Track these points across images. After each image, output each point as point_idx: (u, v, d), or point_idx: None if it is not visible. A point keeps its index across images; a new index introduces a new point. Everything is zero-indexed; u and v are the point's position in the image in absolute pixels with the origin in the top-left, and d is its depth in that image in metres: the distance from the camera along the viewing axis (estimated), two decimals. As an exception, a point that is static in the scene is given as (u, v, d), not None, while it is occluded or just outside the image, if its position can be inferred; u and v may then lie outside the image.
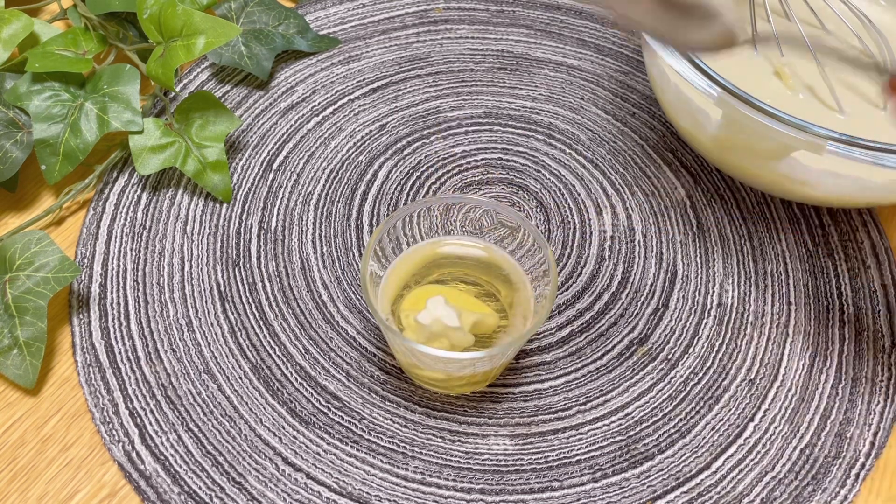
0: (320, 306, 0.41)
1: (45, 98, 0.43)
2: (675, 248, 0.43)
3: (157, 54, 0.43)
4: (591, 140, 0.48)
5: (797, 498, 0.36)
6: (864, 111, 0.43)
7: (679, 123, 0.43)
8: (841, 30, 0.47)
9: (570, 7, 0.54)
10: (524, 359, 0.40)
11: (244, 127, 0.48)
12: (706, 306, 0.41)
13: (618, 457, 0.37)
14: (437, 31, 0.53)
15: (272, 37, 0.50)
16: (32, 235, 0.39)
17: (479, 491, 0.36)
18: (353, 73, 0.50)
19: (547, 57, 0.52)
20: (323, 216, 0.44)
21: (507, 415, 0.38)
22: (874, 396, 0.39)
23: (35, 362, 0.37)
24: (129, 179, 0.45)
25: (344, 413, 0.38)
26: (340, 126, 0.48)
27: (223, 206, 0.44)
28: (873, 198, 0.40)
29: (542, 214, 0.45)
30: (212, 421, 0.37)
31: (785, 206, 0.45)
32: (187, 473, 0.36)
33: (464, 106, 0.49)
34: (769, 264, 0.43)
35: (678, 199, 0.45)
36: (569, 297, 0.42)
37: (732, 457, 0.37)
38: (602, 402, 0.38)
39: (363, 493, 0.36)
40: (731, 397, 0.39)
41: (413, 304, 0.37)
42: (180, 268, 0.42)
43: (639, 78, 0.51)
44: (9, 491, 0.35)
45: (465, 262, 0.38)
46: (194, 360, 0.39)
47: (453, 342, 0.35)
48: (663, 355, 0.40)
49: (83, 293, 0.41)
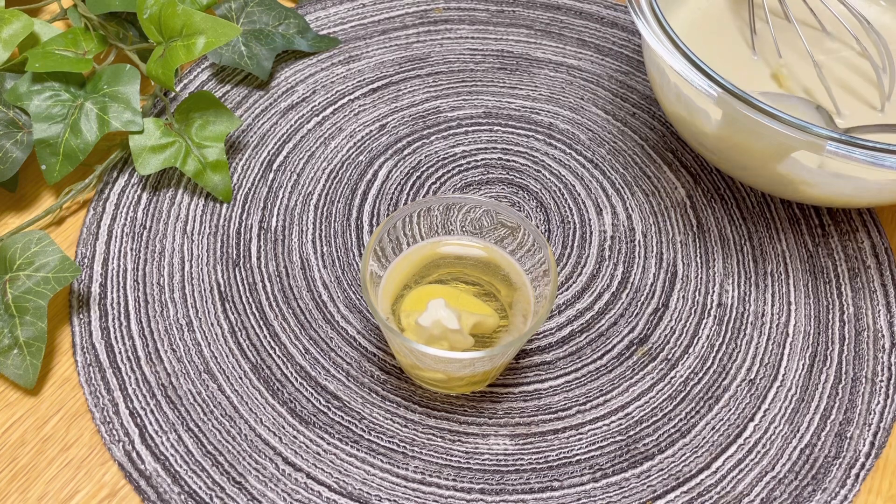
0: (320, 306, 0.41)
1: (46, 98, 0.43)
2: (675, 248, 0.43)
3: (157, 54, 0.43)
4: (591, 140, 0.48)
5: (797, 498, 0.36)
6: (862, 113, 0.43)
7: (679, 123, 0.43)
8: (840, 31, 0.47)
9: (570, 7, 0.54)
10: (524, 359, 0.40)
11: (244, 127, 0.48)
12: (706, 306, 0.41)
13: (618, 457, 0.37)
14: (437, 31, 0.53)
15: (272, 37, 0.50)
16: (32, 235, 0.39)
17: (479, 491, 0.36)
18: (353, 73, 0.50)
19: (547, 57, 0.52)
20: (323, 216, 0.44)
21: (507, 415, 0.38)
22: (874, 396, 0.39)
23: (35, 362, 0.37)
24: (129, 179, 0.45)
25: (344, 413, 0.38)
26: (340, 126, 0.48)
27: (223, 206, 0.44)
28: (873, 198, 0.40)
29: (542, 214, 0.45)
30: (212, 421, 0.37)
31: (785, 206, 0.45)
32: (187, 473, 0.36)
33: (464, 106, 0.49)
34: (769, 264, 0.43)
35: (678, 199, 0.45)
36: (569, 297, 0.42)
37: (732, 457, 0.37)
38: (602, 402, 0.38)
39: (363, 493, 0.36)
40: (731, 397, 0.39)
41: (413, 304, 0.37)
42: (180, 268, 0.42)
43: (639, 78, 0.51)
44: (9, 491, 0.35)
45: (465, 262, 0.38)
46: (194, 359, 0.39)
47: (453, 344, 0.35)
48: (663, 355, 0.40)
49: (83, 293, 0.41)
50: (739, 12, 0.48)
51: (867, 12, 0.48)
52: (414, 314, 0.36)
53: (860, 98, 0.44)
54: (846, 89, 0.44)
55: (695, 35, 0.46)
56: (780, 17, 0.48)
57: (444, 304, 0.35)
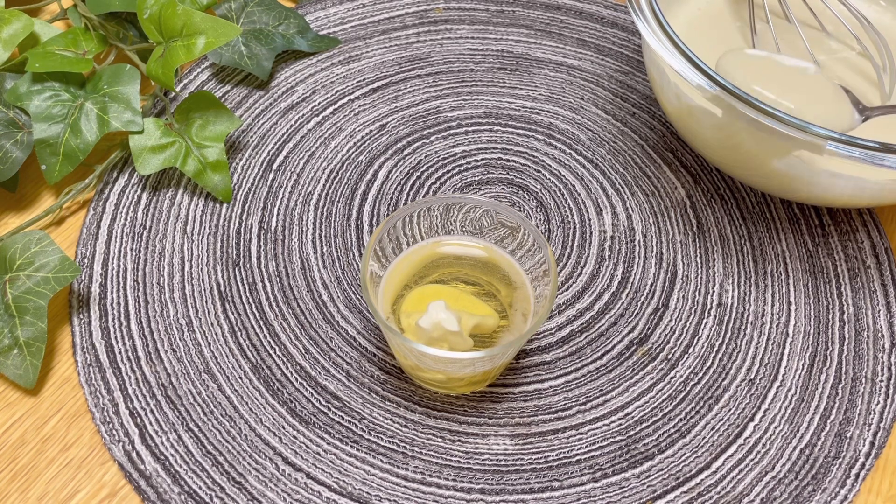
0: (320, 306, 0.41)
1: (46, 98, 0.43)
2: (675, 248, 0.43)
3: (158, 54, 0.43)
4: (591, 140, 0.48)
5: (797, 498, 0.36)
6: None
7: (679, 123, 0.43)
8: (840, 31, 0.47)
9: (570, 7, 0.54)
10: (524, 359, 0.40)
11: (244, 127, 0.48)
12: (706, 306, 0.41)
13: (618, 457, 0.37)
14: (437, 31, 0.53)
15: (272, 37, 0.50)
16: (32, 235, 0.39)
17: (479, 491, 0.36)
18: (353, 73, 0.50)
19: (547, 57, 0.52)
20: (323, 216, 0.44)
21: (507, 415, 0.38)
22: (874, 396, 0.39)
23: (35, 362, 0.37)
24: (129, 179, 0.45)
25: (344, 413, 0.38)
26: (340, 126, 0.48)
27: (223, 206, 0.44)
28: (873, 198, 0.40)
29: (542, 214, 0.45)
30: (212, 421, 0.37)
31: (785, 206, 0.45)
32: (187, 473, 0.36)
33: (464, 106, 0.49)
34: (769, 264, 0.43)
35: (678, 199, 0.45)
36: (569, 297, 0.42)
37: (732, 457, 0.37)
38: (602, 401, 0.38)
39: (363, 493, 0.36)
40: (731, 397, 0.39)
41: (413, 304, 0.37)
42: (180, 268, 0.42)
43: (639, 78, 0.51)
44: (9, 491, 0.35)
45: (465, 262, 0.38)
46: (194, 360, 0.39)
47: (453, 346, 0.35)
48: (663, 355, 0.40)
49: (83, 293, 0.41)
50: (739, 12, 0.48)
51: (867, 12, 0.48)
52: (414, 315, 0.36)
53: (861, 98, 0.44)
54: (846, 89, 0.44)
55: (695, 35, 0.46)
56: (780, 17, 0.48)
57: (445, 307, 0.35)
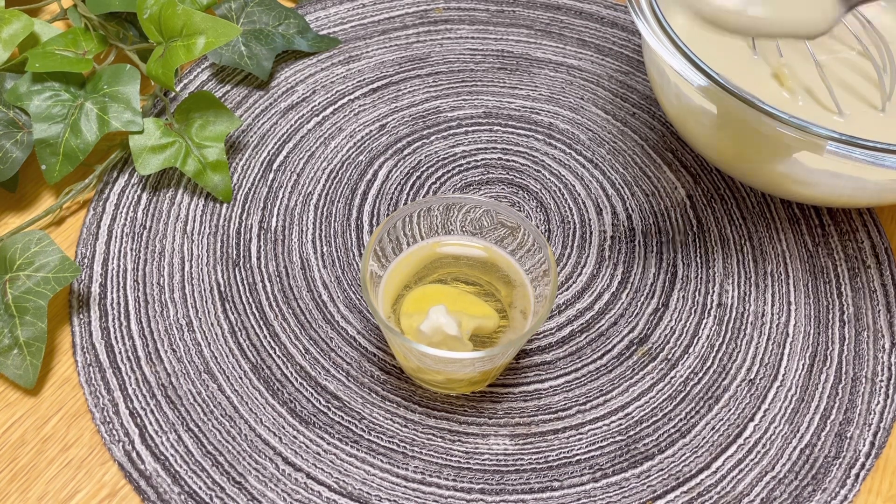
0: (320, 306, 0.41)
1: (46, 98, 0.43)
2: (675, 248, 0.43)
3: (158, 54, 0.43)
4: (591, 140, 0.48)
5: (797, 498, 0.36)
6: (863, 113, 0.43)
7: (679, 123, 0.43)
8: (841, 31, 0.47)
9: (570, 7, 0.54)
10: (524, 359, 0.40)
11: (244, 127, 0.48)
12: (706, 306, 0.41)
13: (618, 457, 0.37)
14: (437, 31, 0.53)
15: (272, 37, 0.50)
16: (32, 235, 0.39)
17: (479, 491, 0.36)
18: (353, 73, 0.50)
19: (547, 57, 0.52)
20: (323, 216, 0.44)
21: (507, 415, 0.38)
22: (874, 396, 0.39)
23: (35, 362, 0.37)
24: (129, 179, 0.45)
25: (344, 413, 0.38)
26: (340, 126, 0.48)
27: (223, 206, 0.44)
28: (873, 198, 0.40)
29: (542, 214, 0.45)
30: (212, 421, 0.37)
31: (785, 206, 0.45)
32: (187, 473, 0.36)
33: (464, 106, 0.49)
34: (769, 264, 0.43)
35: (678, 199, 0.45)
36: (569, 297, 0.42)
37: (732, 457, 0.37)
38: (602, 402, 0.38)
39: (363, 493, 0.36)
40: (731, 397, 0.39)
41: (413, 305, 0.37)
42: (180, 268, 0.42)
43: (639, 78, 0.51)
44: (9, 491, 0.35)
45: (464, 261, 0.38)
46: (194, 360, 0.39)
47: (452, 349, 0.35)
48: (663, 355, 0.40)
49: (83, 293, 0.41)
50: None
51: (867, 12, 0.48)
52: (415, 316, 0.36)
53: (861, 98, 0.44)
54: (847, 89, 0.44)
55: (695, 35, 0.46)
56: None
57: (445, 311, 0.35)
